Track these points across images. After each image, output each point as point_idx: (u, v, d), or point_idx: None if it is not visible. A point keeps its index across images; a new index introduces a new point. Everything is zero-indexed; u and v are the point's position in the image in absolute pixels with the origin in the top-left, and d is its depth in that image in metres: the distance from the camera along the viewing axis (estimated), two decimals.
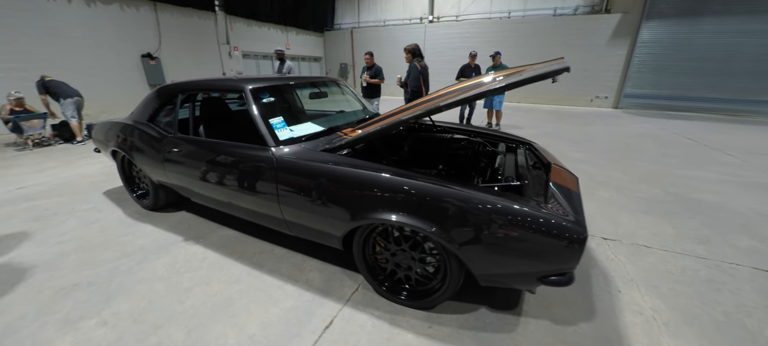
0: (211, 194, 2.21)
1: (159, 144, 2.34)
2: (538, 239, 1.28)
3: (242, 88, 2.05)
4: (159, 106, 2.47)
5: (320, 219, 1.73)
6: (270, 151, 1.85)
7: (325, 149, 1.85)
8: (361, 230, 1.66)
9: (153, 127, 2.45)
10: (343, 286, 1.92)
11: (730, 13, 8.81)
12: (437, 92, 2.06)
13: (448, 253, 1.48)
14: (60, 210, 2.95)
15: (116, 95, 7.63)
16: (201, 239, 2.44)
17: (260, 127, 1.92)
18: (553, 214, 1.34)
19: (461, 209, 1.36)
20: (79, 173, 4.03)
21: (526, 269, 1.38)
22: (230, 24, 10.36)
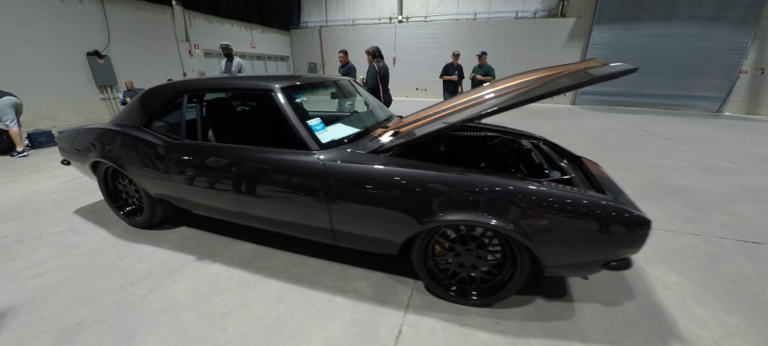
0: (233, 206, 1.98)
1: (162, 152, 2.05)
2: (613, 227, 1.33)
3: (271, 88, 1.87)
4: (157, 109, 2.16)
5: (379, 226, 1.64)
6: (315, 156, 1.71)
7: (372, 151, 1.75)
8: (423, 234, 1.60)
9: (151, 133, 2.14)
10: (397, 292, 1.84)
11: (665, 19, 10.10)
12: (484, 89, 2.04)
13: (520, 247, 1.49)
14: (24, 235, 2.46)
15: (59, 99, 6.61)
16: (218, 256, 2.19)
17: (300, 131, 1.76)
18: (623, 203, 1.40)
19: (537, 205, 1.38)
20: (34, 189, 3.41)
21: (595, 256, 1.43)
22: (189, 20, 9.50)
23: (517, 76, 2.01)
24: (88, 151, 2.40)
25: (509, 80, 1.98)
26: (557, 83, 1.55)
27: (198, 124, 2.08)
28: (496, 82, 2.18)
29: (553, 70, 1.88)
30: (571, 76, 1.56)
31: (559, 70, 1.83)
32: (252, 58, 12.66)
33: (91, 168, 2.47)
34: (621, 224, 1.33)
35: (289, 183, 1.74)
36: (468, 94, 2.12)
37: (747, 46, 9.55)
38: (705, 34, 9.87)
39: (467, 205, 1.44)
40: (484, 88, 2.08)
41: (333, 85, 2.40)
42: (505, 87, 1.86)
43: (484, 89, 2.01)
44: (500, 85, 1.93)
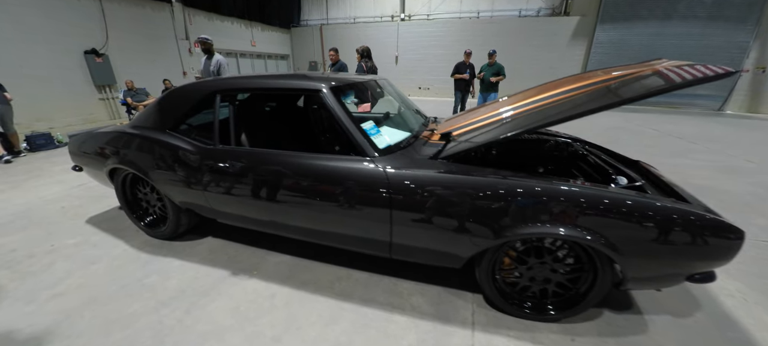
0: (273, 217, 1.83)
1: (194, 158, 1.88)
2: (706, 238, 1.25)
3: (318, 88, 1.71)
4: (186, 111, 1.98)
5: (446, 239, 1.50)
6: (374, 163, 1.56)
7: (432, 157, 1.61)
8: (495, 247, 1.47)
9: (180, 138, 1.96)
10: (457, 308, 1.72)
11: (667, 18, 10.13)
12: (544, 91, 1.90)
13: (602, 259, 1.39)
14: (35, 249, 2.26)
15: (55, 99, 6.32)
16: (254, 270, 2.02)
17: (355, 135, 1.61)
18: (715, 213, 1.30)
19: (629, 215, 1.27)
20: (39, 197, 3.19)
21: (682, 269, 1.34)
22: (189, 17, 9.22)
23: (569, 81, 1.88)
24: (105, 156, 2.21)
25: (566, 84, 1.85)
26: (636, 88, 1.43)
27: (231, 127, 1.91)
28: (550, 85, 2.05)
29: (620, 72, 1.76)
30: (648, 79, 1.43)
31: (627, 72, 1.71)
32: (252, 56, 12.39)
33: (108, 175, 2.28)
34: (713, 235, 1.25)
35: (345, 193, 1.58)
36: (525, 96, 1.99)
37: (749, 44, 9.62)
38: (706, 33, 9.92)
39: (553, 217, 1.33)
40: (543, 90, 1.95)
41: (373, 85, 2.25)
42: (569, 90, 1.73)
43: (544, 92, 1.88)
44: (561, 88, 1.80)
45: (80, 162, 2.47)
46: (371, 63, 5.30)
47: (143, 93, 6.95)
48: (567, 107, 1.55)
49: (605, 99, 1.42)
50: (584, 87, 1.68)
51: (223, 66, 4.71)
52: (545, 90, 1.92)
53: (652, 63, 1.79)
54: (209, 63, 4.76)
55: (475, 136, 1.70)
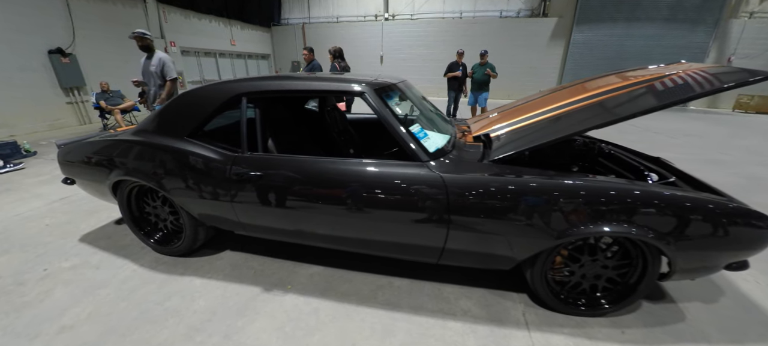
0: (311, 228, 1.71)
1: (221, 167, 1.71)
2: (749, 230, 1.34)
3: (361, 90, 1.62)
4: (207, 115, 1.80)
5: (504, 243, 1.48)
6: (428, 167, 1.50)
7: (481, 160, 1.57)
8: (550, 248, 1.47)
9: (201, 145, 1.79)
10: (507, 309, 1.71)
11: (637, 20, 10.79)
12: (589, 89, 1.90)
13: (653, 253, 1.45)
14: (23, 275, 1.98)
15: (16, 103, 5.69)
16: (288, 284, 1.88)
17: (406, 139, 1.53)
18: (748, 205, 1.38)
19: (682, 211, 1.34)
20: (15, 214, 2.82)
21: (723, 259, 1.43)
22: (164, 14, 8.66)
23: (607, 82, 1.90)
24: (107, 168, 1.97)
25: (604, 84, 1.87)
26: (677, 92, 1.46)
27: (258, 132, 1.76)
28: (582, 85, 2.06)
29: (649, 73, 1.80)
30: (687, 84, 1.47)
31: (660, 74, 1.74)
32: (232, 56, 11.86)
33: (111, 189, 2.04)
34: (752, 226, 1.34)
35: (397, 200, 1.50)
36: (561, 96, 1.99)
37: (708, 45, 10.45)
38: (671, 34, 10.69)
39: (614, 215, 1.35)
40: (579, 90, 1.95)
41: (402, 86, 2.17)
42: (610, 90, 1.74)
43: (582, 92, 1.88)
44: (598, 89, 1.81)
45: (73, 173, 2.20)
46: (344, 63, 5.21)
47: (118, 96, 6.43)
48: (613, 108, 1.55)
49: (653, 101, 1.43)
50: (624, 88, 1.70)
51: (167, 65, 3.89)
52: (582, 90, 1.93)
53: (675, 66, 1.85)
54: (150, 62, 3.90)
55: (523, 138, 1.68)
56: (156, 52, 3.97)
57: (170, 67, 3.95)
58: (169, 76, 3.92)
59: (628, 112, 1.44)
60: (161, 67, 3.90)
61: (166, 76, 3.92)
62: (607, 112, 1.54)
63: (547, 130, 1.65)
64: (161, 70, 3.90)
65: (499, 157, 1.57)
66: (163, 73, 3.91)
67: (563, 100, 1.92)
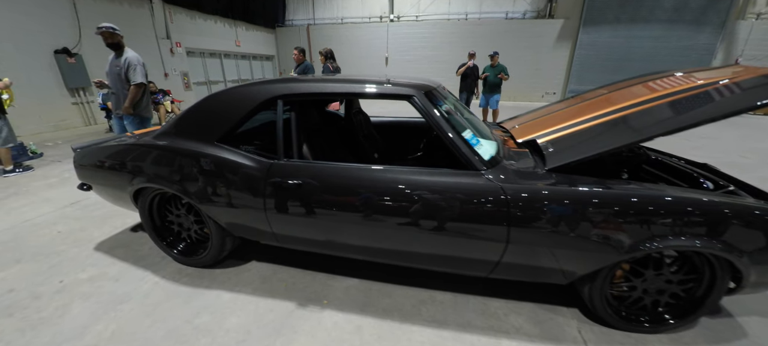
0: (355, 240, 1.59)
1: (257, 175, 1.59)
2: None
3: (410, 93, 1.51)
4: (239, 119, 1.68)
5: (567, 256, 1.38)
6: (487, 177, 1.39)
7: (550, 169, 1.46)
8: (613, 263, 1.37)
9: (234, 151, 1.67)
10: (561, 326, 1.61)
11: (644, 22, 10.73)
12: (652, 90, 1.78)
13: (723, 266, 1.36)
14: (40, 288, 1.85)
15: (22, 104, 5.52)
16: (324, 299, 1.76)
17: (459, 146, 1.43)
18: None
19: (751, 220, 1.26)
20: (24, 219, 2.69)
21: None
22: (170, 15, 8.55)
23: (661, 85, 1.79)
24: (129, 174, 1.85)
25: (659, 88, 1.76)
26: (747, 97, 1.35)
27: (293, 137, 1.65)
28: (630, 90, 1.95)
29: (710, 75, 1.69)
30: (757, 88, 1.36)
31: (723, 76, 1.63)
32: (237, 57, 11.76)
33: (132, 197, 1.92)
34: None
35: (453, 211, 1.39)
36: (616, 97, 1.88)
37: (715, 47, 10.39)
38: (679, 35, 10.61)
39: (685, 227, 1.26)
40: (634, 93, 1.84)
41: (442, 90, 2.05)
42: (668, 95, 1.62)
43: (637, 96, 1.77)
44: (653, 93, 1.70)
45: (90, 179, 2.08)
46: (336, 64, 5.17)
47: None
48: (682, 113, 1.44)
49: (725, 107, 1.33)
50: (686, 92, 1.59)
51: (132, 66, 3.25)
52: (634, 93, 1.82)
53: (733, 67, 1.75)
54: (118, 62, 3.29)
55: (582, 145, 1.57)
56: (125, 50, 3.34)
57: (137, 70, 3.28)
58: (133, 79, 3.27)
59: (699, 118, 1.33)
60: (126, 68, 3.24)
61: (130, 79, 3.28)
62: (677, 117, 1.43)
63: (608, 136, 1.54)
64: (126, 72, 3.26)
65: (557, 165, 1.46)
66: (127, 76, 3.28)
67: (614, 104, 1.81)
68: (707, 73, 1.81)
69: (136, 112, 3.40)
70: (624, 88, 2.10)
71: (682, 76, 1.83)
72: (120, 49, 3.32)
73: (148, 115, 3.59)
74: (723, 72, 1.72)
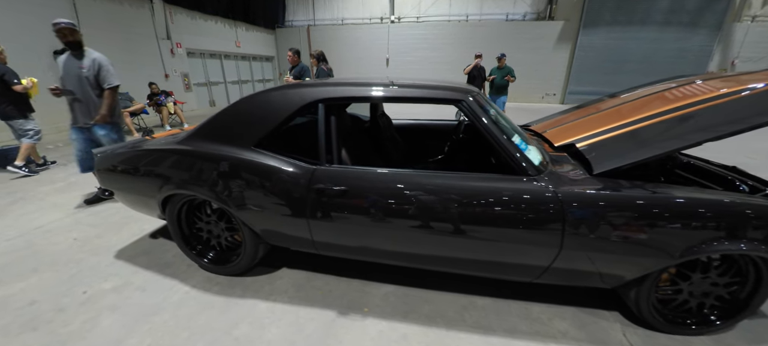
0: (400, 247, 1.55)
1: (301, 181, 1.54)
2: None
3: (460, 98, 1.48)
4: (278, 123, 1.62)
5: (618, 261, 1.37)
6: (539, 181, 1.37)
7: (598, 174, 1.44)
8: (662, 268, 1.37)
9: (274, 156, 1.60)
10: (606, 329, 1.59)
11: (643, 24, 10.87)
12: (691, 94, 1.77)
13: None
14: (63, 300, 1.77)
15: None
16: (364, 306, 1.71)
17: (511, 151, 1.41)
18: None
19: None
20: (36, 226, 2.59)
21: None
22: (170, 16, 8.41)
23: (706, 87, 1.78)
24: (159, 180, 1.78)
25: (705, 91, 1.74)
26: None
27: (333, 141, 1.60)
28: (671, 93, 1.93)
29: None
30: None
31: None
32: (237, 58, 11.62)
33: (160, 205, 1.85)
34: None
35: (505, 217, 1.36)
36: (660, 100, 1.86)
37: (712, 49, 10.58)
38: (677, 37, 10.78)
39: (736, 231, 1.27)
40: (684, 94, 1.82)
41: None
42: (717, 97, 1.61)
43: (686, 96, 1.75)
44: (711, 93, 1.68)
45: (113, 185, 2.00)
46: (328, 66, 5.13)
47: (126, 98, 6.18)
48: (729, 117, 1.43)
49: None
50: (730, 96, 1.58)
51: (105, 69, 2.79)
52: (676, 96, 1.81)
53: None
54: (80, 63, 2.75)
55: (632, 149, 1.55)
56: (88, 51, 2.82)
57: (111, 71, 2.82)
58: (107, 83, 2.80)
59: (754, 122, 1.32)
60: (97, 71, 2.77)
61: (103, 83, 2.79)
62: (727, 121, 1.41)
63: (656, 141, 1.51)
64: (96, 76, 2.78)
65: (605, 170, 1.44)
66: (98, 78, 2.79)
67: (653, 109, 1.79)
68: (743, 77, 1.80)
69: (113, 119, 2.95)
70: (655, 93, 2.09)
71: (718, 81, 1.82)
72: (80, 48, 2.83)
73: (122, 123, 3.19)
74: (759, 76, 1.72)
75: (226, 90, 11.21)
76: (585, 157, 1.57)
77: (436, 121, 3.01)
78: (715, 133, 1.38)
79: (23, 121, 3.87)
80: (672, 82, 2.17)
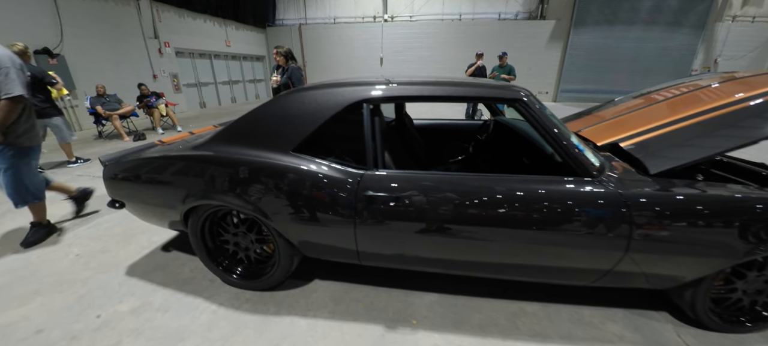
0: (460, 255, 1.46)
1: (348, 187, 1.42)
2: None
3: (519, 97, 1.40)
4: (319, 125, 1.50)
5: (683, 263, 1.33)
6: (602, 183, 1.31)
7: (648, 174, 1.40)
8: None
9: (316, 161, 1.48)
10: (659, 331, 1.57)
11: (631, 23, 11.17)
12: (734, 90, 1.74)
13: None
14: (74, 326, 1.58)
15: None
16: (411, 318, 1.61)
17: (573, 151, 1.34)
18: None
19: None
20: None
21: None
22: (158, 14, 8.04)
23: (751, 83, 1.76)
24: (182, 190, 1.62)
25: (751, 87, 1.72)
26: None
27: (378, 144, 1.49)
28: (712, 90, 1.91)
29: None
30: None
31: None
32: (227, 57, 11.26)
33: (181, 219, 1.70)
34: None
35: (571, 220, 1.30)
36: (709, 96, 1.82)
37: (697, 48, 10.97)
38: (663, 36, 11.14)
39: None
40: (733, 91, 1.79)
41: None
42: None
43: (736, 92, 1.72)
44: (743, 92, 1.66)
45: (126, 195, 1.82)
46: (298, 64, 4.64)
47: (115, 100, 5.84)
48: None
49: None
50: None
51: (5, 70, 1.87)
52: (719, 95, 1.78)
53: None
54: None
55: (688, 148, 1.51)
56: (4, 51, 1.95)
57: (10, 75, 1.90)
58: (8, 90, 1.90)
59: None
60: (5, 75, 1.89)
61: (2, 89, 1.89)
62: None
63: (709, 139, 1.48)
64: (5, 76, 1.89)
65: (662, 170, 1.40)
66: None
67: (695, 106, 1.76)
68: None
69: (9, 140, 2.01)
70: (689, 91, 2.07)
71: (758, 77, 1.81)
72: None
73: (32, 144, 2.17)
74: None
75: (216, 91, 10.84)
76: (635, 157, 1.53)
77: (453, 121, 2.97)
78: None
79: (59, 119, 4.08)
80: (700, 81, 2.17)
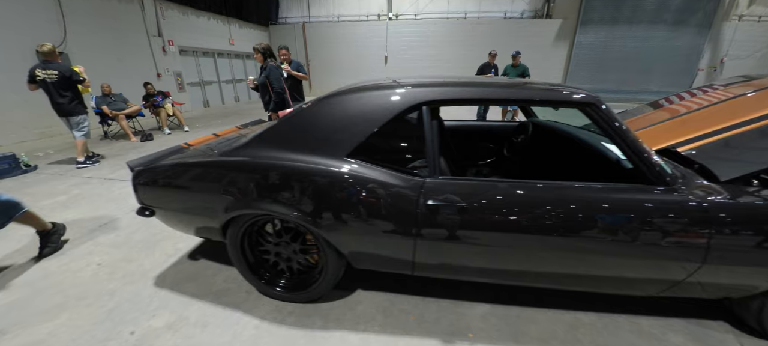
0: (528, 266, 1.37)
1: (410, 196, 1.33)
2: None
3: (591, 101, 1.31)
4: (375, 129, 1.39)
5: (758, 272, 1.26)
6: (680, 191, 1.24)
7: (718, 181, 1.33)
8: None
9: (373, 167, 1.37)
10: (721, 341, 1.50)
11: (638, 23, 11.13)
12: None
13: None
14: (105, 344, 1.49)
15: (2, 108, 4.90)
16: (467, 330, 1.52)
17: (648, 158, 1.26)
18: None
19: None
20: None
21: None
22: (162, 12, 7.88)
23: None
24: (226, 198, 1.50)
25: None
26: None
27: (437, 149, 1.40)
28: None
29: None
30: None
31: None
32: (230, 56, 11.10)
33: (221, 228, 1.59)
34: None
35: (650, 230, 1.22)
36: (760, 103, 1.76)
37: (703, 47, 10.95)
38: (670, 36, 11.10)
39: None
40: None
41: None
42: None
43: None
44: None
45: (157, 202, 1.71)
46: (277, 62, 4.39)
47: (121, 99, 5.70)
48: None
49: None
50: None
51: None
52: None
53: None
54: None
55: (747, 156, 1.45)
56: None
57: None
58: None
59: None
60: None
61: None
62: None
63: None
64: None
65: (733, 177, 1.33)
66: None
67: (753, 111, 1.70)
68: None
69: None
70: (738, 96, 2.00)
71: None
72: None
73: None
74: None
75: (220, 90, 10.69)
76: (698, 162, 1.46)
77: (482, 123, 2.92)
78: None
79: (84, 117, 4.06)
80: (733, 88, 2.12)
